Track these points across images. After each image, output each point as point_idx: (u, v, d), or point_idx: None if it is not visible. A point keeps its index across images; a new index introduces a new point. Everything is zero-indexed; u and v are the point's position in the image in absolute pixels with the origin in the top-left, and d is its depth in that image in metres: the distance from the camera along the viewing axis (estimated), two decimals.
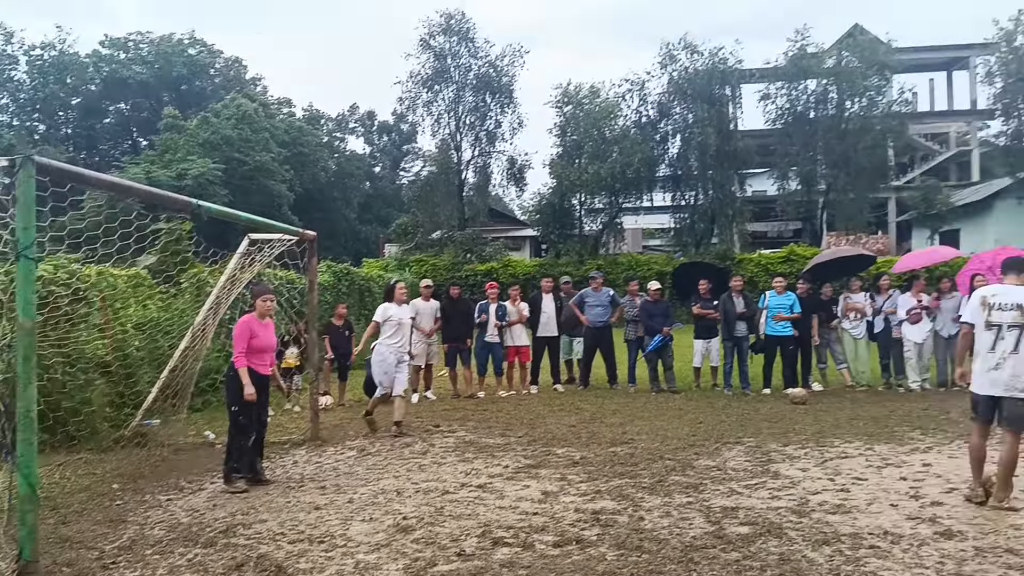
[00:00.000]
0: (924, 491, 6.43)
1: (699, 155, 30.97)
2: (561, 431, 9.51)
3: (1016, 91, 29.01)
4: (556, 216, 32.28)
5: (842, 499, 6.24)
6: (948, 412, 10.18)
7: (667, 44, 31.74)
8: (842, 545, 5.14)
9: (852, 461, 7.59)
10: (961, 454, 7.78)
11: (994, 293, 6.24)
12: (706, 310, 12.82)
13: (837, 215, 32.53)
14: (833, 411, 10.57)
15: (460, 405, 11.91)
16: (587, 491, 6.64)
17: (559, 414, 10.86)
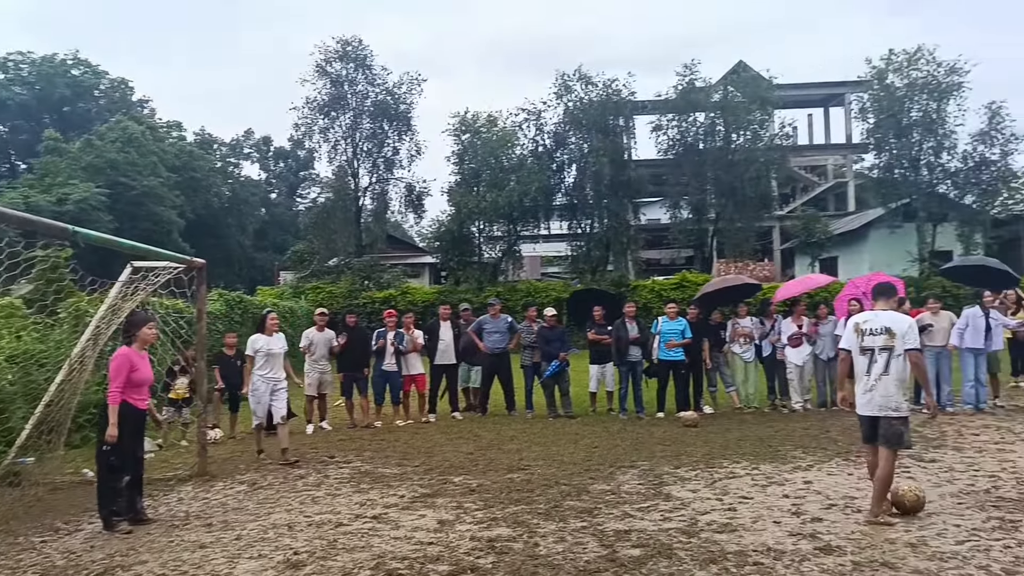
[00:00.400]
0: (805, 508, 6.70)
1: (594, 184, 31.63)
2: (458, 459, 9.48)
3: (887, 126, 30.76)
4: (455, 243, 32.32)
5: (729, 518, 6.43)
6: (828, 431, 10.65)
7: (562, 75, 32.41)
8: (728, 563, 5.29)
9: (739, 481, 7.84)
10: (839, 471, 8.17)
11: (866, 319, 6.57)
12: (600, 336, 13.06)
13: (726, 243, 33.71)
14: (722, 433, 10.89)
15: (356, 435, 11.73)
16: (483, 519, 6.63)
17: (457, 442, 10.82)
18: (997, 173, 30.43)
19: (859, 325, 6.55)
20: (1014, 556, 5.25)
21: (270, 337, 10.11)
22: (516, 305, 25.52)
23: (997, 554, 5.32)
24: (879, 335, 6.39)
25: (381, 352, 12.71)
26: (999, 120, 29.95)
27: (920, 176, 30.85)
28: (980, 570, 5.03)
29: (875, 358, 6.35)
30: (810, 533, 5.94)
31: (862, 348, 6.46)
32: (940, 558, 5.29)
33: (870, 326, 6.47)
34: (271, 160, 69.68)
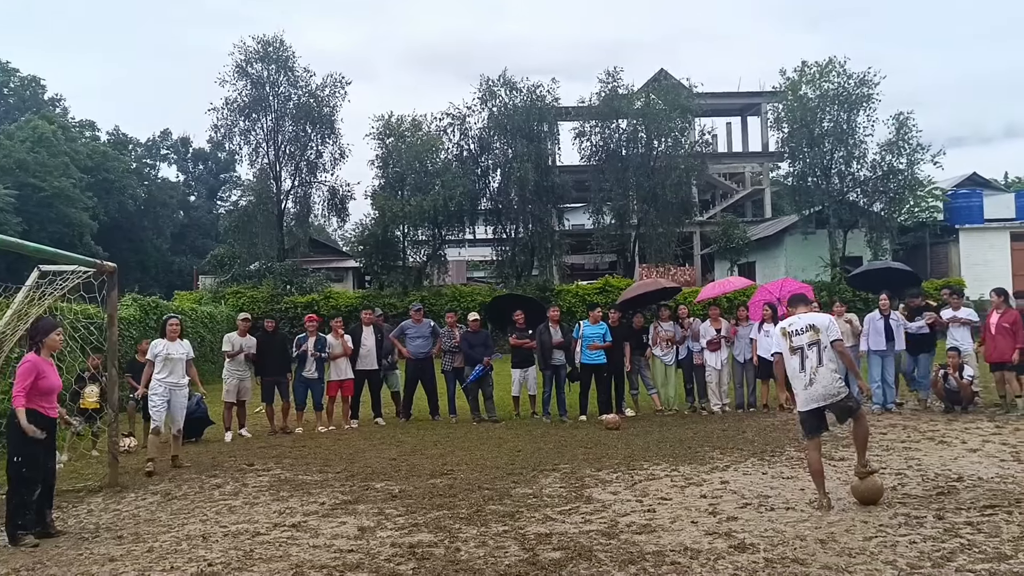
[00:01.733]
0: (722, 507, 6.84)
1: (519, 189, 31.75)
2: (381, 465, 9.40)
3: (800, 136, 31.76)
4: (379, 247, 32.01)
5: (648, 519, 6.53)
6: (744, 432, 10.92)
7: (487, 80, 32.49)
8: (646, 563, 5.37)
9: (659, 482, 7.97)
10: (754, 471, 8.38)
11: (790, 323, 7.05)
12: (522, 340, 13.12)
13: (648, 248, 34.24)
14: (643, 435, 11.06)
15: (276, 442, 11.52)
16: (404, 525, 6.58)
17: (379, 448, 10.73)
18: (903, 182, 31.68)
19: (785, 330, 7.03)
20: (919, 551, 5.46)
21: (171, 342, 9.99)
22: (441, 310, 25.38)
23: (903, 549, 5.52)
24: (804, 333, 6.87)
25: (303, 358, 12.52)
26: (906, 131, 31.20)
27: (832, 184, 31.93)
28: (887, 565, 5.21)
29: (806, 354, 6.81)
30: (725, 532, 6.07)
31: (792, 349, 6.90)
32: (849, 554, 5.46)
33: (795, 327, 6.96)
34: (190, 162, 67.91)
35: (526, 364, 13.17)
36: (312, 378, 12.58)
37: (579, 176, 36.59)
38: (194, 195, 67.05)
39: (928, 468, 8.21)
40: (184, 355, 10.06)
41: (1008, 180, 65.99)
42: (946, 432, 10.34)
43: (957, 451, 9.06)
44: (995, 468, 8.09)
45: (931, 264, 34.00)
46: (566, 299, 27.86)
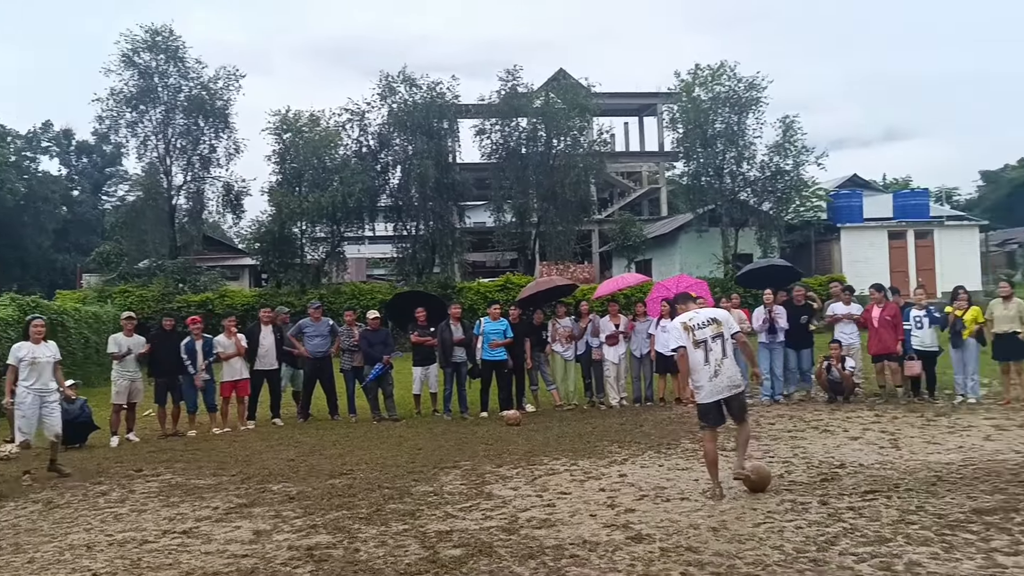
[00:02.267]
0: (619, 500, 6.98)
1: (419, 186, 31.49)
2: (278, 466, 9.20)
3: (694, 137, 32.61)
4: (276, 244, 31.20)
5: (548, 514, 6.60)
6: (641, 426, 11.16)
7: (386, 76, 32.09)
8: (546, 557, 5.43)
9: (558, 477, 8.06)
10: (651, 463, 8.58)
11: (691, 317, 7.23)
12: (423, 338, 13.06)
13: (548, 246, 34.54)
14: (543, 430, 11.17)
15: (167, 446, 11.13)
16: (302, 527, 6.46)
17: (277, 448, 10.50)
18: (790, 182, 32.92)
19: (686, 324, 7.17)
20: (804, 536, 5.70)
21: (36, 345, 9.38)
22: (340, 308, 24.97)
23: (789, 534, 5.75)
24: (707, 327, 7.10)
25: (193, 360, 12.11)
26: (792, 133, 32.41)
27: (724, 184, 32.91)
28: (774, 550, 5.42)
29: (710, 347, 7.03)
30: (623, 524, 6.19)
31: (695, 343, 7.07)
32: (739, 540, 5.66)
33: (696, 321, 7.16)
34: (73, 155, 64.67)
35: (427, 362, 13.10)
36: (204, 379, 12.20)
37: (480, 174, 36.63)
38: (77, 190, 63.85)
39: (813, 456, 8.59)
40: (51, 358, 9.50)
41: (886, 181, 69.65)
42: (830, 421, 10.83)
43: (840, 439, 9.50)
44: (875, 455, 8.52)
45: (816, 261, 35.52)
46: (467, 296, 27.84)
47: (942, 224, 36.12)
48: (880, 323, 12.42)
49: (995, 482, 7.02)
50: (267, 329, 12.95)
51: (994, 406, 11.39)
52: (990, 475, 7.30)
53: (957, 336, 11.95)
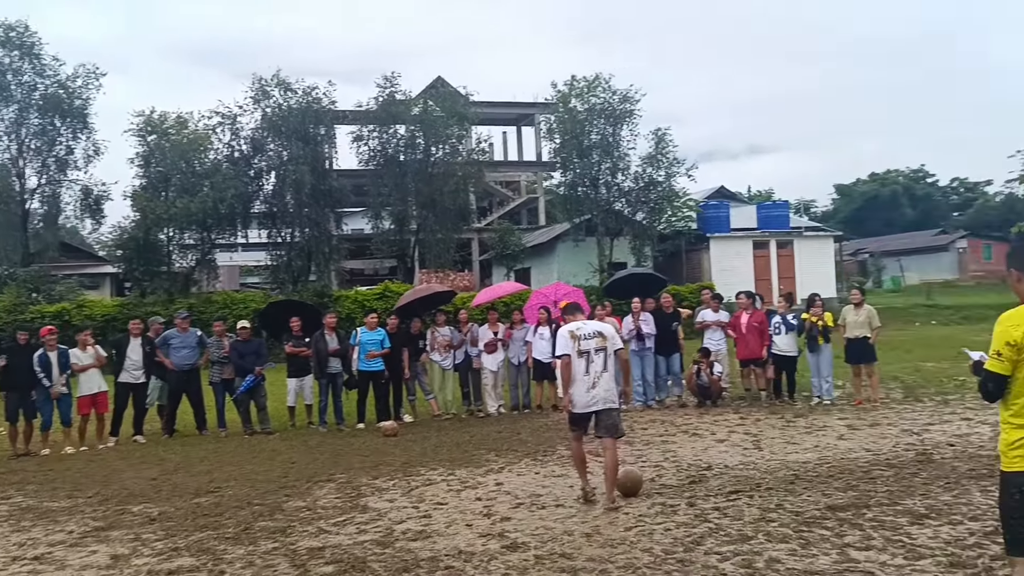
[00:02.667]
0: (496, 508, 6.99)
1: (295, 192, 30.77)
2: (139, 486, 8.77)
3: (571, 147, 33.26)
4: (140, 252, 29.74)
5: (424, 525, 6.54)
6: (519, 433, 11.24)
7: (260, 79, 31.20)
8: (421, 570, 5.38)
9: (435, 487, 8.01)
10: (528, 471, 8.65)
11: (578, 327, 7.30)
12: (298, 348, 12.74)
13: (427, 253, 34.42)
14: (421, 440, 11.10)
15: (19, 467, 10.46)
16: (164, 550, 6.16)
17: (139, 467, 10.01)
18: (662, 193, 34.07)
19: (573, 332, 7.23)
20: (673, 537, 5.87)
21: None
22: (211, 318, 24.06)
23: (659, 536, 5.91)
24: (593, 339, 7.16)
25: (48, 373, 11.39)
26: (664, 145, 33.58)
27: (599, 194, 33.71)
28: (644, 552, 5.55)
29: (592, 358, 7.09)
30: (499, 533, 6.21)
31: (579, 352, 7.12)
32: (611, 545, 5.77)
33: (583, 332, 7.23)
34: None
35: (302, 373, 12.79)
36: (61, 391, 11.49)
37: (358, 180, 36.14)
38: None
39: (682, 459, 8.87)
40: None
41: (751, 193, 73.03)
42: (698, 425, 11.22)
43: (707, 442, 9.85)
44: (739, 456, 8.88)
45: (686, 269, 36.81)
46: (345, 305, 27.36)
47: (801, 235, 38.14)
48: (748, 329, 12.95)
49: (848, 479, 7.43)
50: (136, 341, 12.34)
51: (847, 406, 12.08)
52: (843, 473, 7.72)
53: (813, 341, 12.61)
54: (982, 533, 5.56)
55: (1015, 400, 3.63)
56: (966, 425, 10.07)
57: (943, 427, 10.02)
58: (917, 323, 30.61)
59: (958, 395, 12.63)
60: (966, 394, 12.58)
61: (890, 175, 79.20)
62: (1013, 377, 3.60)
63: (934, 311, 32.96)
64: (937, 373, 15.57)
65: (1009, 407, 3.65)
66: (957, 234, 59.11)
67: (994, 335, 3.65)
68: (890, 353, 18.04)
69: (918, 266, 53.92)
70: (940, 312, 32.80)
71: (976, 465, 7.73)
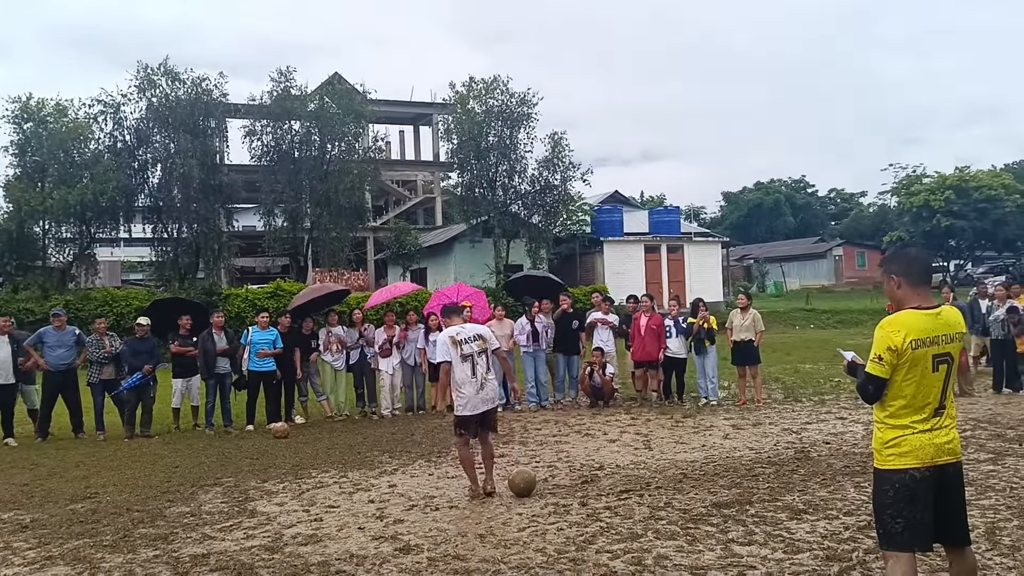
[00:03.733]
0: (388, 511, 6.92)
1: (182, 187, 29.67)
2: (9, 492, 8.29)
3: (468, 148, 33.28)
4: (13, 245, 28.09)
5: (315, 529, 6.41)
6: (413, 435, 11.16)
7: (145, 67, 29.91)
8: (311, 575, 5.26)
9: (327, 490, 7.87)
10: (421, 472, 8.60)
11: (458, 332, 7.44)
12: (185, 348, 12.30)
13: (322, 252, 33.81)
14: (313, 442, 10.88)
15: None
16: (36, 559, 5.84)
17: (9, 472, 9.47)
18: (558, 196, 34.51)
19: (454, 338, 7.34)
20: (565, 537, 5.93)
21: None
22: (90, 316, 22.96)
23: (552, 536, 5.97)
24: (474, 342, 7.36)
25: None
26: (560, 149, 34.01)
27: (497, 196, 33.87)
28: (537, 552, 5.60)
29: (476, 361, 7.28)
30: (392, 535, 6.15)
31: (463, 356, 7.28)
32: (505, 545, 5.79)
33: (463, 336, 7.38)
34: None
35: (189, 373, 12.33)
36: None
37: (250, 176, 35.17)
38: None
39: (575, 459, 8.99)
40: None
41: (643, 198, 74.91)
42: (591, 425, 11.40)
43: (600, 442, 10.02)
44: (630, 456, 9.07)
45: (580, 272, 37.40)
46: (235, 304, 26.56)
47: (691, 240, 39.33)
48: (647, 332, 13.20)
49: (732, 477, 7.70)
50: (2, 340, 11.63)
51: (732, 407, 12.52)
52: (728, 471, 8.00)
53: (700, 344, 13.01)
54: (856, 527, 5.85)
55: (891, 402, 3.83)
56: (841, 424, 10.59)
57: (820, 426, 10.51)
58: (797, 327, 32.01)
59: (834, 395, 13.28)
60: (841, 394, 13.25)
61: (774, 184, 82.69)
62: (891, 380, 3.80)
63: (812, 315, 34.54)
64: (815, 374, 16.33)
65: (885, 408, 3.86)
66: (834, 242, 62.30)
67: (875, 340, 3.85)
68: (772, 355, 18.81)
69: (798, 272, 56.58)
70: (818, 316, 34.40)
71: (850, 462, 8.13)
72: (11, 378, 11.63)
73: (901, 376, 3.78)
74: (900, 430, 3.80)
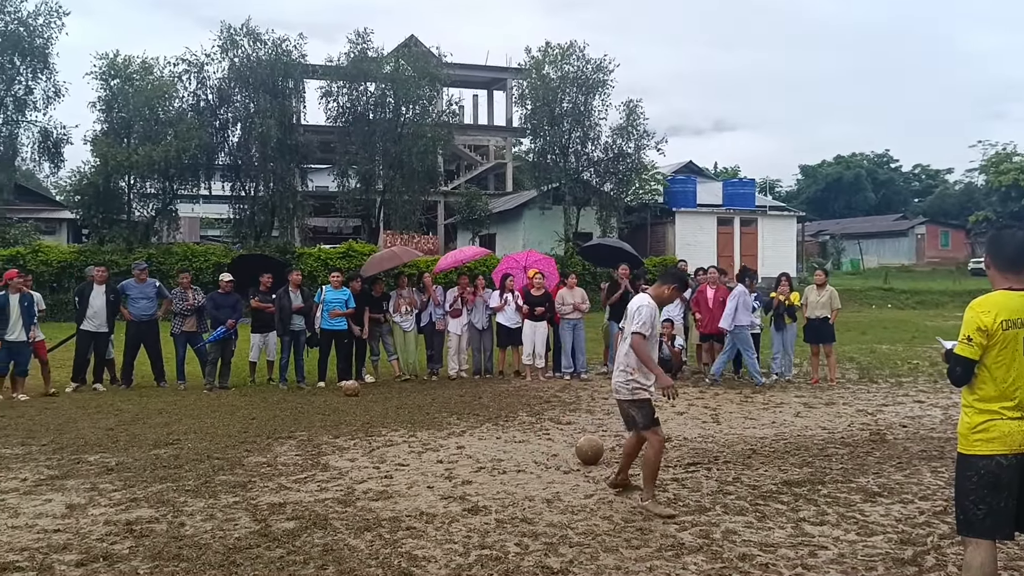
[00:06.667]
0: (457, 472, 7.02)
1: (260, 146, 30.27)
2: (96, 435, 8.64)
3: (542, 114, 33.10)
4: (100, 199, 29.08)
5: (385, 485, 6.55)
6: (480, 398, 11.28)
7: (228, 27, 30.52)
8: (382, 530, 5.39)
9: (396, 448, 8.02)
10: (489, 435, 8.68)
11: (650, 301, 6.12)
12: (264, 304, 12.61)
13: (393, 214, 34.14)
14: (382, 401, 11.08)
15: None
16: (121, 500, 6.10)
17: (95, 416, 9.87)
18: (631, 165, 34.14)
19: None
20: (631, 507, 5.95)
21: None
22: (171, 269, 23.76)
23: (618, 505, 5.99)
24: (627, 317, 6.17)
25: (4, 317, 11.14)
26: (635, 117, 33.58)
27: (569, 163, 33.66)
28: (604, 520, 5.63)
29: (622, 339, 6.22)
30: (460, 495, 6.24)
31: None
32: (571, 511, 5.84)
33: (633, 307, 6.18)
34: None
35: (267, 329, 12.65)
36: (17, 341, 11.24)
37: (325, 137, 35.65)
38: None
39: None
40: None
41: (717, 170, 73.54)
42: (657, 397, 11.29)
43: (667, 414, 9.92)
44: (698, 429, 9.02)
45: (650, 242, 37.05)
46: (308, 263, 27.12)
47: (765, 213, 38.53)
48: (714, 304, 13.02)
49: (804, 456, 7.58)
50: (99, 289, 12.13)
51: (803, 385, 12.29)
52: (799, 449, 7.88)
53: (780, 319, 12.77)
54: (932, 512, 5.72)
55: (981, 385, 3.73)
56: (918, 407, 10.31)
57: (896, 408, 10.26)
58: (873, 306, 31.21)
59: (911, 378, 12.93)
60: (919, 377, 12.89)
61: (855, 158, 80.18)
62: (980, 362, 3.69)
63: (890, 295, 33.60)
64: (892, 355, 15.92)
65: (974, 391, 3.75)
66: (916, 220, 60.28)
67: (964, 320, 3.74)
68: (846, 334, 18.41)
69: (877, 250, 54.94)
70: (896, 296, 33.45)
71: (927, 446, 7.93)
72: (104, 326, 12.13)
73: (991, 358, 3.67)
74: (989, 415, 3.69)
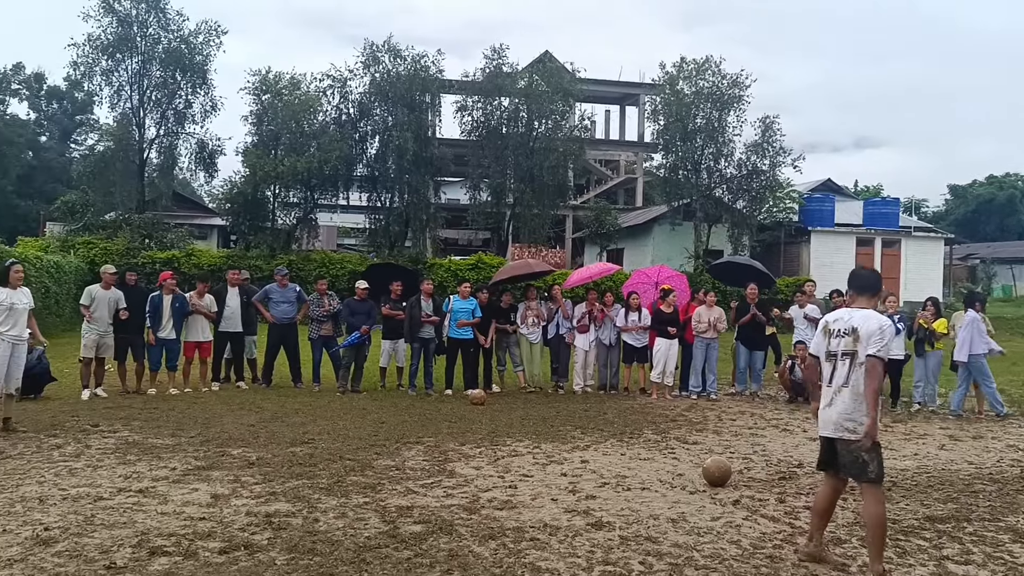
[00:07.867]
0: (581, 486, 7.00)
1: (397, 158, 31.24)
2: (239, 431, 9.11)
3: (674, 130, 32.63)
4: (247, 207, 30.77)
5: (510, 495, 6.60)
6: (605, 413, 11.20)
7: (371, 44, 31.70)
8: (506, 539, 5.43)
9: (521, 459, 8.07)
10: (613, 451, 8.61)
11: (836, 318, 5.34)
12: (395, 311, 12.97)
13: (522, 228, 34.41)
14: (507, 411, 11.18)
15: (126, 403, 10.97)
16: (261, 493, 6.40)
17: (238, 413, 10.40)
18: (765, 182, 33.16)
19: (828, 325, 5.32)
20: (761, 532, 5.77)
21: (14, 290, 9.13)
22: (309, 275, 24.80)
23: (747, 530, 5.82)
24: (845, 337, 5.14)
25: (157, 317, 11.92)
26: (771, 134, 32.61)
27: (700, 179, 33.02)
28: (731, 544, 5.47)
29: (837, 365, 5.15)
30: (584, 510, 6.21)
31: (828, 354, 5.25)
32: (697, 533, 5.71)
33: (837, 327, 5.23)
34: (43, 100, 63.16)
35: (397, 336, 13.02)
36: (168, 338, 12.02)
37: (458, 150, 36.39)
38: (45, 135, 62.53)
39: (772, 453, 8.69)
40: (27, 305, 9.32)
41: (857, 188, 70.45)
42: (789, 420, 10.96)
43: (799, 439, 9.61)
44: None
45: (784, 262, 35.83)
46: (438, 273, 27.68)
47: (909, 234, 36.58)
48: None
49: (948, 491, 7.14)
50: (233, 291, 12.82)
51: (948, 416, 11.59)
52: (943, 484, 7.43)
53: (920, 345, 12.11)
54: None
55: None
56: None
57: None
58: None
59: None
60: None
61: (1008, 179, 75.10)
62: None
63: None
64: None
65: None
66: None
67: None
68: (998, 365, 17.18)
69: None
70: None
71: None
72: (239, 326, 12.78)
73: None
74: None
